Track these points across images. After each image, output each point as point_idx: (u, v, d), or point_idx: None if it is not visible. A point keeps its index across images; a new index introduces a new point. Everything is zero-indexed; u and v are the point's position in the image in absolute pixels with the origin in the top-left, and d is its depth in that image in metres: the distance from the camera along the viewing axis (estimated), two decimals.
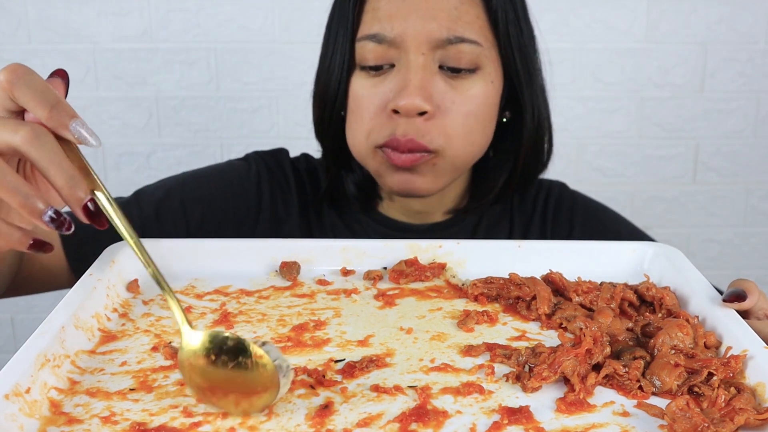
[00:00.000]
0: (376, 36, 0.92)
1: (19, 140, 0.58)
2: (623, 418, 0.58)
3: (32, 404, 0.56)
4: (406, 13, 0.90)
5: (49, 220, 0.59)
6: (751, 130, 2.00)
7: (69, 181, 0.59)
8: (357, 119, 0.95)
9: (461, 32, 0.91)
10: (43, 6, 1.82)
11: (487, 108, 0.95)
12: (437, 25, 0.90)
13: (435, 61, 0.91)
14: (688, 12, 1.91)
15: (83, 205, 0.60)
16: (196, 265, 0.81)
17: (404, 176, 0.95)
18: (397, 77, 0.92)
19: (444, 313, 0.74)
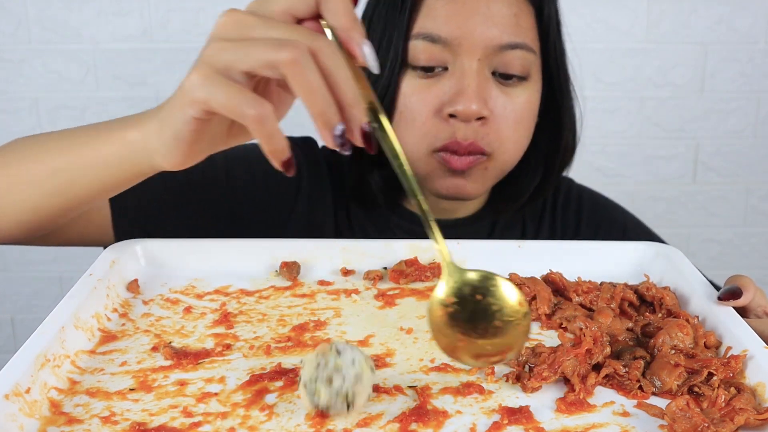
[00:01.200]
0: (431, 35, 0.90)
1: (320, 48, 0.56)
2: (623, 418, 0.58)
3: (32, 404, 0.56)
4: (466, 17, 0.89)
5: (339, 134, 0.57)
6: (751, 130, 2.00)
7: (354, 98, 0.57)
8: (409, 121, 0.93)
9: (519, 39, 0.90)
10: (43, 6, 1.83)
11: (533, 114, 0.96)
12: (498, 31, 0.89)
13: (489, 67, 0.91)
14: (688, 12, 1.91)
15: (361, 127, 0.58)
16: (196, 265, 0.81)
17: (456, 181, 0.94)
18: (452, 81, 0.90)
19: None
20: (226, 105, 0.57)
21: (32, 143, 0.78)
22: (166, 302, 0.75)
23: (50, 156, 0.74)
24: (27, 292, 2.05)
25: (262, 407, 0.58)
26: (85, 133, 0.73)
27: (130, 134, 0.68)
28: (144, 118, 0.68)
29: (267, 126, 0.57)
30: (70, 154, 0.73)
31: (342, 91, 0.57)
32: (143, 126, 0.67)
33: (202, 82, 0.58)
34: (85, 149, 0.72)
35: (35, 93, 1.90)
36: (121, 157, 0.69)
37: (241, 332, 0.70)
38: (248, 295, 0.77)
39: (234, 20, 0.59)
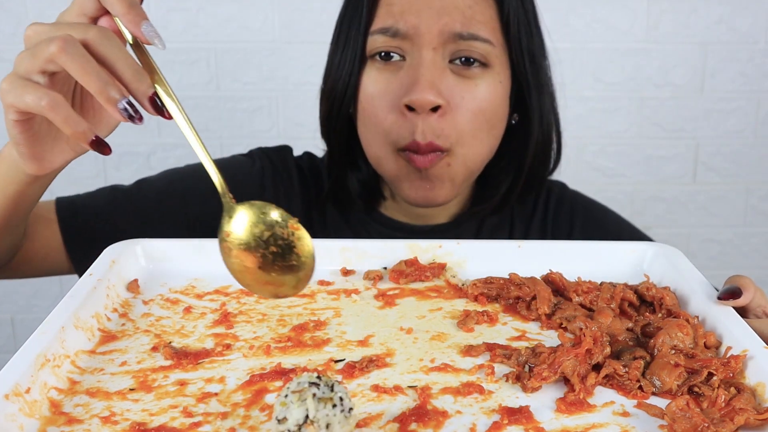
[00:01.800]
0: (389, 29, 0.92)
1: (91, 37, 0.63)
2: (623, 418, 0.58)
3: (32, 404, 0.56)
4: (420, 8, 0.91)
5: (123, 108, 0.64)
6: (751, 130, 2.00)
7: (135, 74, 0.64)
8: (370, 117, 0.95)
9: (474, 30, 0.91)
10: (43, 6, 1.82)
11: (495, 107, 0.95)
12: (450, 19, 0.91)
13: (445, 57, 0.92)
14: (688, 12, 1.91)
15: (149, 97, 0.64)
16: (196, 265, 0.81)
17: (423, 185, 0.95)
18: (408, 72, 0.92)
19: (444, 313, 0.74)
20: (28, 103, 0.64)
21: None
22: (166, 302, 0.75)
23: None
24: (27, 292, 2.04)
25: (262, 407, 0.58)
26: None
27: (4, 150, 0.76)
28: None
29: (61, 111, 0.64)
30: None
31: (120, 69, 0.64)
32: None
33: (9, 88, 0.65)
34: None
35: None
36: (8, 174, 0.76)
37: (241, 332, 0.70)
38: (248, 295, 0.77)
39: (33, 31, 0.68)
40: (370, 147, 0.98)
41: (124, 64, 0.64)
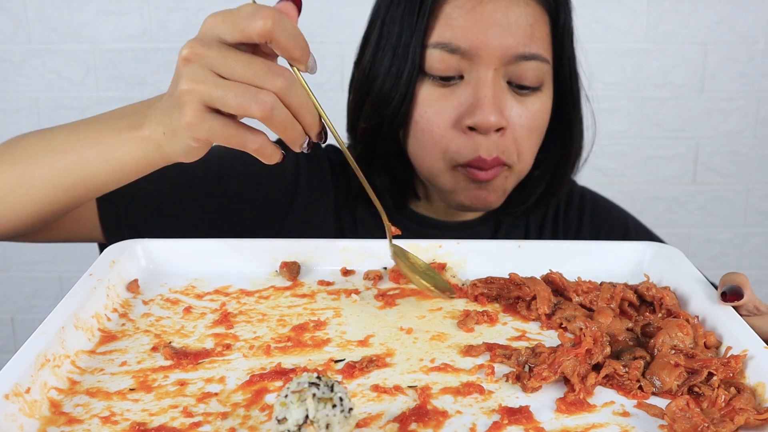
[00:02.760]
0: (449, 45, 0.90)
1: (283, 88, 0.65)
2: (623, 418, 0.58)
3: (32, 404, 0.56)
4: (484, 27, 0.89)
5: (306, 147, 0.69)
6: (751, 130, 2.00)
7: (313, 118, 0.68)
8: (425, 133, 0.93)
9: (535, 49, 0.91)
10: (43, 6, 1.83)
11: (545, 123, 0.96)
12: (514, 41, 0.89)
13: (504, 76, 0.91)
14: (688, 12, 1.91)
15: (318, 133, 0.69)
16: (196, 265, 0.81)
17: (479, 192, 0.95)
18: (468, 91, 0.91)
19: (444, 313, 0.74)
20: (227, 142, 0.67)
21: (38, 140, 0.81)
22: (166, 302, 0.75)
23: (59, 155, 0.78)
24: (27, 292, 2.05)
25: (262, 407, 0.58)
26: (90, 131, 0.78)
27: (140, 133, 0.73)
28: (148, 118, 0.73)
29: (266, 151, 0.68)
30: (81, 153, 0.77)
31: (304, 117, 0.67)
32: (151, 127, 0.73)
33: (200, 122, 0.66)
34: (98, 148, 0.76)
35: (35, 93, 1.90)
36: (135, 155, 0.74)
37: (241, 332, 0.70)
38: (248, 295, 0.77)
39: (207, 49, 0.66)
40: (423, 161, 0.96)
41: (306, 111, 0.67)
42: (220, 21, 0.66)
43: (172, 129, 0.69)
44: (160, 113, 0.71)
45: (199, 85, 0.65)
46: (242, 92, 0.64)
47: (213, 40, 0.66)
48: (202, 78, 0.65)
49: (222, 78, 0.65)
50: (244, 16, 0.64)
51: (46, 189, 0.79)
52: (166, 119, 0.70)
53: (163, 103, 0.71)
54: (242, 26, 0.65)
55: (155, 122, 0.72)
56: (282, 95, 0.65)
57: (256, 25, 0.64)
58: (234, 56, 0.65)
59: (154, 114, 0.72)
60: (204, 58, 0.65)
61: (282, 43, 0.65)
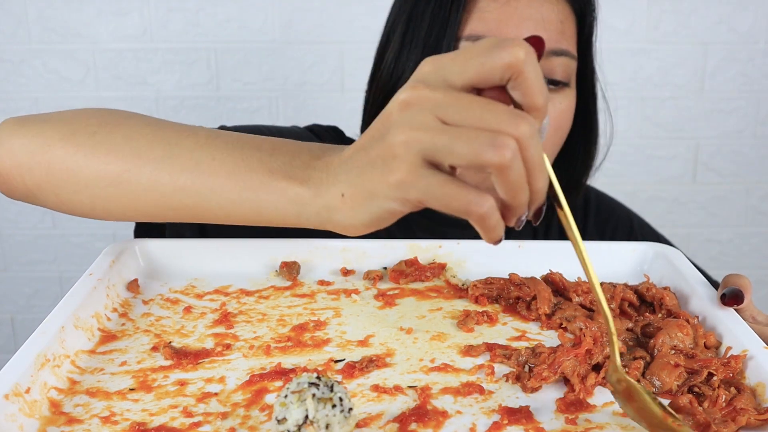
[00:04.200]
0: (482, 38, 0.88)
1: (524, 137, 0.51)
2: (623, 418, 0.57)
3: (32, 404, 0.56)
4: (518, 21, 0.88)
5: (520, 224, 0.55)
6: (751, 130, 2.00)
7: (544, 184, 0.53)
8: None
9: (565, 46, 0.91)
10: (43, 6, 1.82)
11: (569, 123, 0.96)
12: (547, 36, 0.89)
13: None
14: (688, 12, 1.91)
15: (539, 207, 0.55)
16: (196, 264, 0.81)
17: None
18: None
19: (444, 313, 0.74)
20: (446, 205, 0.52)
21: (150, 136, 0.66)
22: (166, 302, 0.75)
23: (179, 170, 0.63)
24: (27, 292, 2.04)
25: (262, 407, 0.58)
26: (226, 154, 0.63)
27: (300, 189, 0.60)
28: (317, 173, 0.60)
29: (491, 221, 0.53)
30: (209, 179, 0.63)
31: (536, 180, 0.52)
32: (321, 188, 0.59)
33: (415, 179, 0.52)
34: (233, 183, 0.62)
35: (35, 93, 1.90)
36: (283, 211, 0.61)
37: (241, 332, 0.70)
38: (248, 295, 0.77)
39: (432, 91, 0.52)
40: None
41: (539, 172, 0.52)
42: (447, 60, 0.53)
43: (365, 191, 0.55)
44: (345, 172, 0.57)
45: (420, 133, 0.51)
46: (475, 137, 0.50)
47: (438, 82, 0.53)
48: (424, 124, 0.51)
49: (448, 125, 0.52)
50: (485, 48, 0.51)
51: (149, 200, 0.65)
52: (357, 179, 0.56)
53: (353, 160, 0.57)
54: (482, 60, 0.51)
55: (332, 182, 0.58)
56: (523, 146, 0.51)
57: (503, 56, 0.50)
58: (467, 97, 0.52)
59: (331, 171, 0.59)
60: (428, 101, 0.52)
61: (529, 82, 0.51)
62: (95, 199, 0.67)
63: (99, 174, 0.65)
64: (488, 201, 0.52)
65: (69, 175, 0.66)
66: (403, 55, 0.94)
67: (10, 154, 0.68)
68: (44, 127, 0.68)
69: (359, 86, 1.02)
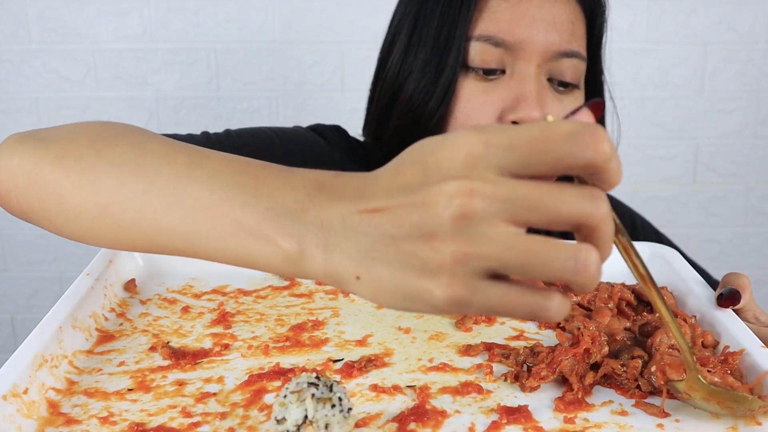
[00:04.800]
0: (493, 38, 0.89)
1: (604, 213, 0.43)
2: (621, 417, 0.57)
3: (30, 405, 0.56)
4: (530, 21, 0.88)
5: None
6: (751, 130, 2.00)
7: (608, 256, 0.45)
8: (468, 126, 0.91)
9: (576, 47, 0.90)
10: (43, 6, 1.82)
11: None
12: (558, 38, 0.89)
13: (545, 73, 0.90)
14: (688, 12, 1.91)
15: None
16: (194, 264, 0.81)
17: None
18: (511, 85, 0.89)
19: None
20: (509, 315, 0.45)
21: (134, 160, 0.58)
22: (164, 302, 0.75)
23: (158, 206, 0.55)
24: (27, 292, 2.04)
25: (261, 407, 0.58)
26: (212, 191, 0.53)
27: (285, 248, 0.48)
28: (307, 233, 0.48)
29: (559, 316, 0.45)
30: (186, 221, 0.54)
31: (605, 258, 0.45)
32: (311, 247, 0.47)
33: (471, 298, 0.43)
34: (212, 228, 0.52)
35: (35, 93, 1.89)
36: (272, 265, 0.50)
37: (239, 332, 0.70)
38: (246, 295, 0.77)
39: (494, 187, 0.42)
40: None
41: (608, 251, 0.45)
42: (505, 147, 0.42)
43: (396, 290, 0.45)
44: (355, 248, 0.45)
45: (482, 249, 0.42)
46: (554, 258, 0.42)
47: (495, 173, 0.42)
48: (488, 239, 0.42)
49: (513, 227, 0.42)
50: (561, 139, 0.42)
51: (137, 237, 0.58)
52: (379, 269, 0.45)
53: (369, 238, 0.45)
54: (559, 156, 0.42)
55: (334, 251, 0.46)
56: (600, 229, 0.43)
57: (587, 154, 0.42)
58: (535, 188, 0.42)
59: (330, 235, 0.47)
60: (491, 205, 0.42)
61: (611, 176, 0.43)
62: (86, 230, 0.61)
63: (86, 204, 0.59)
64: (554, 301, 0.44)
65: (59, 201, 0.61)
66: (410, 54, 0.94)
67: (8, 173, 0.65)
68: (39, 147, 0.64)
69: (359, 86, 1.02)
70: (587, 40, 0.94)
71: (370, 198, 0.46)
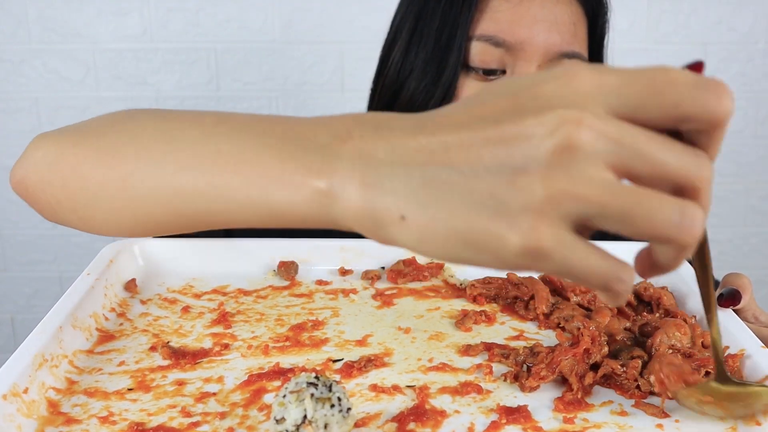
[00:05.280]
0: (494, 38, 0.88)
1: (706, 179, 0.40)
2: (621, 417, 0.58)
3: (30, 404, 0.56)
4: (531, 22, 0.88)
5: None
6: (751, 130, 2.00)
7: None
8: None
9: (577, 48, 0.90)
10: (43, 6, 1.83)
11: None
12: (560, 39, 0.89)
13: None
14: (688, 12, 1.91)
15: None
16: (194, 264, 0.81)
17: None
18: None
19: (442, 313, 0.74)
20: (582, 280, 0.40)
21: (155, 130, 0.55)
22: (164, 302, 0.75)
23: (182, 169, 0.51)
24: (27, 292, 2.05)
25: (261, 407, 0.58)
26: (234, 146, 0.49)
27: (314, 185, 0.44)
28: (341, 166, 0.43)
29: (627, 293, 0.42)
30: (214, 178, 0.49)
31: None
32: (345, 182, 0.42)
33: (553, 251, 0.38)
34: (241, 180, 0.48)
35: (35, 93, 1.90)
36: (296, 210, 0.46)
37: (239, 332, 0.70)
38: (246, 295, 0.77)
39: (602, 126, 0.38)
40: None
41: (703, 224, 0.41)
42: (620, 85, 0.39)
43: (454, 232, 0.39)
44: (405, 182, 0.40)
45: (583, 189, 0.37)
46: (658, 208, 0.38)
47: (606, 112, 0.39)
48: (592, 180, 0.38)
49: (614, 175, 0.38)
50: (684, 85, 0.38)
51: (154, 208, 0.55)
52: (435, 207, 0.40)
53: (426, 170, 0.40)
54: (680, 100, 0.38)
55: (375, 186, 0.41)
56: (702, 194, 0.40)
57: (712, 104, 0.38)
58: (646, 136, 0.39)
59: (370, 166, 0.42)
60: (599, 141, 0.38)
61: (721, 137, 0.40)
62: (105, 213, 0.59)
63: (105, 180, 0.57)
64: (631, 274, 0.41)
65: (80, 185, 0.59)
66: (411, 53, 0.94)
67: (34, 167, 0.64)
68: (62, 136, 0.63)
69: (359, 86, 1.02)
70: (589, 41, 0.94)
71: (434, 130, 0.40)
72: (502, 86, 0.41)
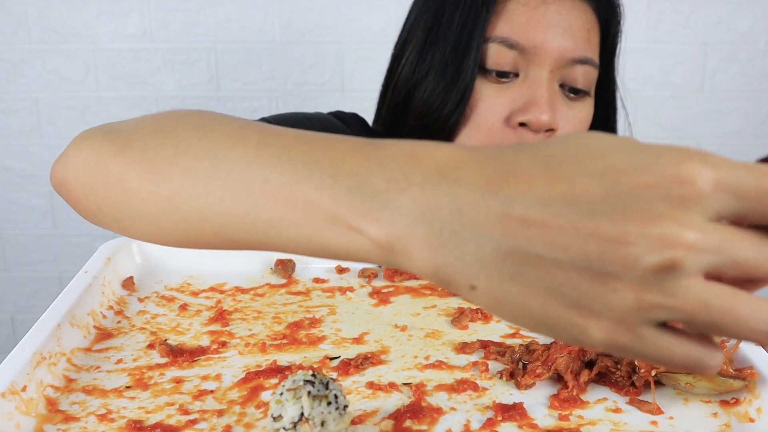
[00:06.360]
0: (508, 40, 0.89)
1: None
2: (615, 414, 0.58)
3: (29, 402, 0.56)
4: (546, 26, 0.88)
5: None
6: (751, 130, 2.00)
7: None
8: (474, 125, 0.92)
9: (590, 54, 0.91)
10: (43, 6, 1.83)
11: (586, 129, 0.95)
12: (573, 44, 0.89)
13: (557, 79, 0.90)
14: (688, 12, 1.91)
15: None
16: (191, 262, 0.81)
17: None
18: (523, 89, 0.89)
19: (438, 311, 0.74)
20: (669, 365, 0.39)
21: (199, 145, 0.51)
22: (162, 300, 0.76)
23: (225, 192, 0.48)
24: (27, 292, 2.05)
25: (258, 404, 0.58)
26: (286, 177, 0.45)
27: (372, 235, 0.41)
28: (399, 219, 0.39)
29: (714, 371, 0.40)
30: (256, 209, 0.46)
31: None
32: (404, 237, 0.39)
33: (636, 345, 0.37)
34: (285, 215, 0.45)
35: (35, 93, 1.90)
36: (353, 255, 0.43)
37: (237, 330, 0.70)
38: (243, 293, 0.77)
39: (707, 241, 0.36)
40: None
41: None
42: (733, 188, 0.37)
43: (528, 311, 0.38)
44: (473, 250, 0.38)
45: (673, 302, 0.36)
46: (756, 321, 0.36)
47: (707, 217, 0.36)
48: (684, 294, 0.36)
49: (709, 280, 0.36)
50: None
51: (206, 231, 0.51)
52: (508, 285, 0.38)
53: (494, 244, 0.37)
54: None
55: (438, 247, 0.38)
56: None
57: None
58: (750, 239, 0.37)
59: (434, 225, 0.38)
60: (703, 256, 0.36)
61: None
62: (152, 227, 0.56)
63: (151, 198, 0.54)
64: (718, 360, 0.39)
65: (124, 197, 0.56)
66: (427, 53, 0.94)
67: (75, 172, 0.61)
68: (104, 141, 0.59)
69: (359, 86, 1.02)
70: (601, 48, 0.94)
71: (511, 198, 0.37)
72: (590, 159, 0.37)
